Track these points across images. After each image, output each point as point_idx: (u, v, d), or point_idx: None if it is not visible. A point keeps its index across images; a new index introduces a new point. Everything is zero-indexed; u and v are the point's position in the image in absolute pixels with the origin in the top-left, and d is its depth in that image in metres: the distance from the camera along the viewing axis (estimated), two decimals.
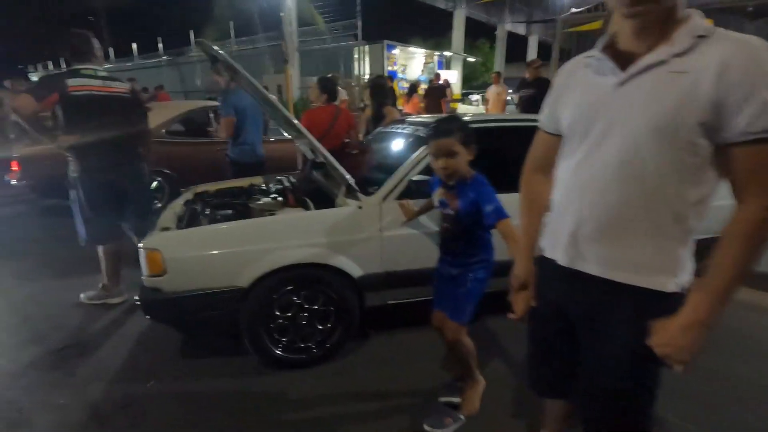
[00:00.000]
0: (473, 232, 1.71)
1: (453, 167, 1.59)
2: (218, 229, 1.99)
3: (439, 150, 1.59)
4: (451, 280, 1.79)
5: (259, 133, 3.78)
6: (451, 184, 1.67)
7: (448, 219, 1.72)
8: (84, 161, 2.62)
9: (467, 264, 1.75)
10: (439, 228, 1.80)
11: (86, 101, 2.53)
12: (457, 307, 1.76)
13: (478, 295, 1.77)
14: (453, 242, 1.75)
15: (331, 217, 2.10)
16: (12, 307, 2.85)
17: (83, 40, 2.67)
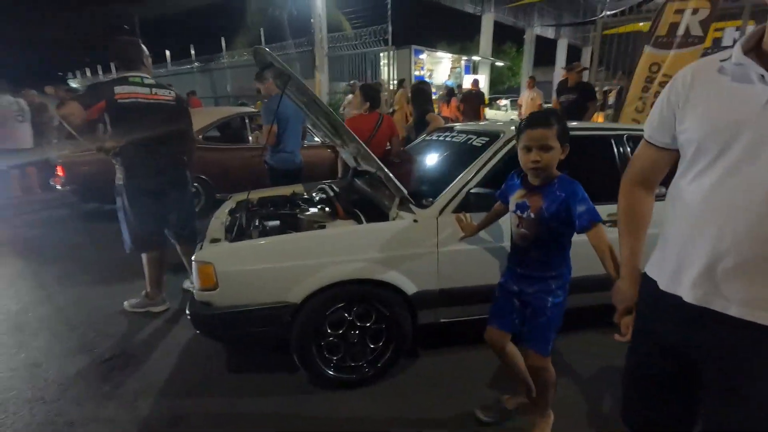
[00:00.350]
0: (554, 239, 1.57)
1: (546, 162, 1.47)
2: (271, 243, 1.92)
3: (533, 141, 1.47)
4: (517, 297, 1.66)
5: (299, 140, 3.74)
6: (536, 185, 1.55)
7: (525, 223, 1.58)
8: (129, 169, 2.61)
9: (542, 279, 1.61)
10: (513, 235, 1.67)
11: (132, 109, 2.53)
12: (540, 338, 1.62)
13: (559, 320, 1.64)
14: (528, 251, 1.61)
15: (385, 230, 2.00)
16: (58, 312, 2.86)
17: (132, 47, 2.67)
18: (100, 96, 2.47)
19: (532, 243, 1.59)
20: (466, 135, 2.59)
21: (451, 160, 2.59)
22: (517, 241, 1.66)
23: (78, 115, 2.40)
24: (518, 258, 1.66)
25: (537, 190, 1.56)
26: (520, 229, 1.61)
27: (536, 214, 1.55)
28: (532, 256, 1.61)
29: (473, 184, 2.10)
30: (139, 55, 2.67)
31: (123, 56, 2.64)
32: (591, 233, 1.43)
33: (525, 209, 1.59)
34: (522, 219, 1.60)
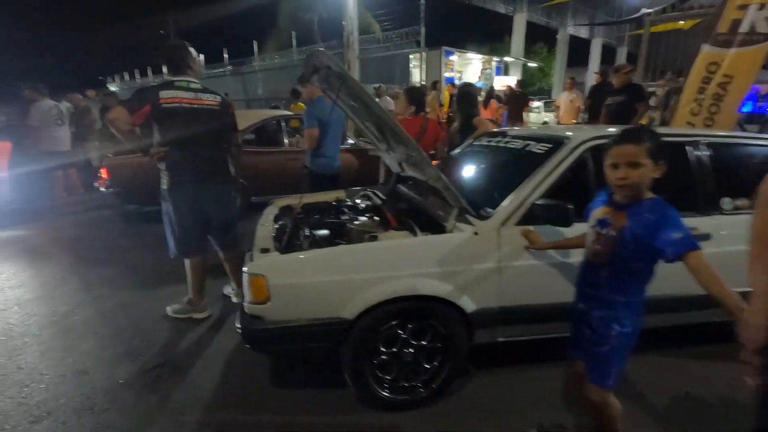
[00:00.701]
0: (630, 264, 1.43)
1: (633, 181, 1.35)
2: (325, 255, 1.83)
3: (620, 157, 1.37)
4: (583, 319, 1.54)
5: (338, 145, 3.67)
6: (622, 203, 1.43)
7: (602, 241, 1.45)
8: (173, 174, 2.58)
9: (610, 304, 1.47)
10: (587, 251, 1.54)
11: (175, 113, 2.50)
12: (600, 369, 1.50)
13: (625, 353, 1.49)
14: (599, 270, 1.49)
15: (443, 243, 1.88)
16: (104, 316, 2.87)
17: (178, 50, 2.63)
18: (145, 101, 2.46)
19: (605, 262, 1.47)
20: (522, 140, 2.43)
21: (507, 168, 2.45)
22: (589, 258, 1.54)
23: (124, 120, 2.40)
24: (588, 276, 1.54)
25: (623, 209, 1.43)
26: (595, 246, 1.49)
27: (617, 233, 1.41)
28: (602, 276, 1.48)
29: (537, 194, 1.95)
30: (185, 59, 2.63)
31: (170, 60, 2.62)
32: (691, 262, 1.27)
33: (605, 226, 1.46)
34: (600, 235, 1.47)
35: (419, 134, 3.19)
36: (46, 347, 2.50)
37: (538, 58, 26.82)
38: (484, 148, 2.82)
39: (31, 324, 2.77)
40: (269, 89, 15.29)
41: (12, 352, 2.46)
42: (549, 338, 2.10)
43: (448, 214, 2.02)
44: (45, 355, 2.42)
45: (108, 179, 4.52)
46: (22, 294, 3.21)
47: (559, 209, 1.77)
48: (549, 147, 2.18)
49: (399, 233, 2.06)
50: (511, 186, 2.08)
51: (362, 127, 2.93)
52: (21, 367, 2.30)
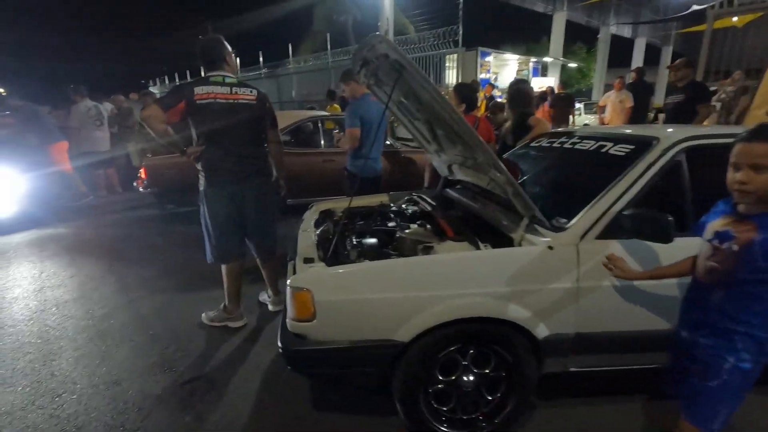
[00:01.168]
0: (756, 286, 1.19)
1: (757, 186, 1.14)
2: (379, 269, 1.62)
3: (743, 156, 1.17)
4: (686, 350, 1.32)
5: (381, 146, 3.47)
6: (746, 213, 1.20)
7: (721, 256, 1.22)
8: (210, 174, 2.45)
9: (725, 333, 1.24)
10: (698, 268, 1.32)
11: (210, 110, 2.36)
12: (704, 408, 1.27)
13: (739, 393, 1.25)
14: (711, 292, 1.26)
15: (512, 258, 1.63)
16: (139, 321, 2.78)
17: (213, 45, 2.48)
18: (180, 97, 2.34)
19: (720, 282, 1.24)
20: (595, 141, 2.15)
21: (578, 172, 2.17)
22: (701, 277, 1.31)
23: (158, 118, 2.29)
24: (697, 298, 1.32)
25: (751, 219, 1.18)
26: (710, 262, 1.26)
27: (742, 247, 1.17)
28: (716, 299, 1.26)
29: (623, 203, 1.67)
30: (221, 53, 2.49)
31: (205, 55, 2.48)
32: None
33: (727, 239, 1.22)
34: (718, 250, 1.24)
35: None
36: (81, 353, 2.41)
37: (576, 58, 25.87)
38: (545, 150, 2.54)
39: (68, 327, 2.70)
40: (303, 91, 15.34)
41: (47, 356, 2.38)
42: (624, 369, 1.83)
43: (516, 225, 1.77)
44: (79, 362, 2.33)
45: (146, 179, 4.50)
46: (60, 294, 3.17)
47: (657, 221, 1.49)
48: (631, 148, 1.89)
49: (458, 245, 1.83)
50: (585, 193, 1.81)
51: (410, 126, 2.72)
52: (54, 374, 2.22)
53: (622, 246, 1.65)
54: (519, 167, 2.63)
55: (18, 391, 2.09)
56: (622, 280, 1.65)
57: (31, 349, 2.46)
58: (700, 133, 1.83)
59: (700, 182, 1.78)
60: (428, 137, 2.55)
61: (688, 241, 1.69)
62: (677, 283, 1.66)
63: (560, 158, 2.35)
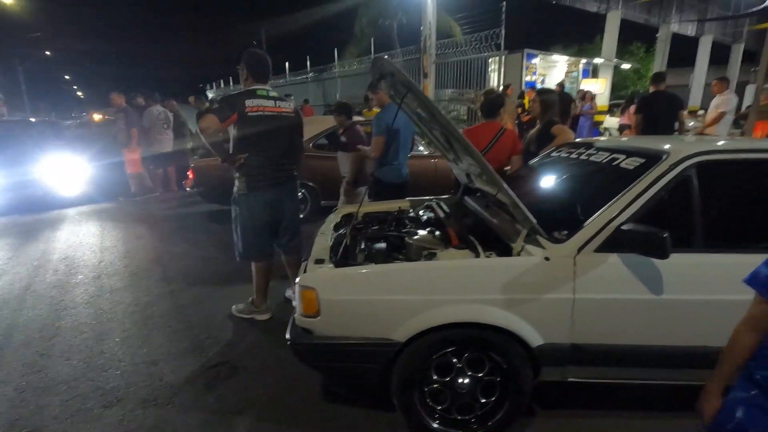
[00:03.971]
0: None
1: None
2: (379, 272, 1.74)
3: None
4: None
5: (407, 152, 3.58)
6: None
7: None
8: (251, 179, 2.66)
9: None
10: None
11: (259, 121, 2.58)
12: None
13: None
14: None
15: (509, 267, 1.69)
16: (178, 310, 3.06)
17: (264, 60, 2.71)
18: (233, 109, 2.54)
19: None
20: (609, 153, 2.14)
21: (588, 184, 2.17)
22: None
23: (216, 128, 2.50)
24: None
25: None
26: None
27: None
28: None
29: (624, 217, 1.68)
30: (268, 68, 2.73)
31: (255, 68, 2.68)
32: None
33: None
34: None
35: (491, 142, 2.99)
36: (127, 335, 2.72)
37: (633, 58, 24.53)
38: (563, 161, 2.55)
39: (118, 312, 3.04)
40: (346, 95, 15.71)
41: (99, 336, 2.71)
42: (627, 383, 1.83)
43: (516, 235, 1.83)
44: (125, 342, 2.63)
45: (193, 180, 4.88)
46: (114, 283, 3.55)
47: (653, 237, 1.50)
48: (642, 162, 1.88)
49: (459, 252, 1.90)
50: (592, 206, 1.83)
51: (430, 135, 2.81)
52: (104, 352, 2.52)
53: (620, 260, 1.66)
54: (536, 177, 2.66)
55: (73, 364, 2.40)
56: (618, 293, 1.67)
57: (87, 329, 2.80)
58: (714, 148, 1.80)
59: (712, 199, 1.75)
60: (446, 146, 2.63)
61: (692, 258, 1.68)
62: (675, 300, 1.65)
63: (574, 170, 2.35)
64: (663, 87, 5.17)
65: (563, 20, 22.66)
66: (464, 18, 11.93)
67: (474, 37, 10.51)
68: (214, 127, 2.49)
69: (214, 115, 2.51)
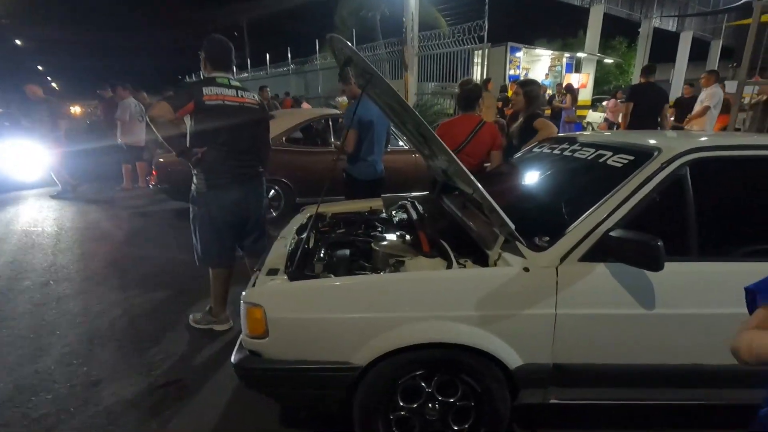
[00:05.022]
0: None
1: None
2: (335, 286, 1.52)
3: None
4: None
5: (382, 147, 3.35)
6: None
7: None
8: (211, 176, 2.42)
9: None
10: None
11: (218, 112, 2.34)
12: None
13: None
14: None
15: (484, 280, 1.49)
16: (130, 320, 2.80)
17: (224, 47, 2.48)
18: (189, 97, 2.30)
19: None
20: (594, 149, 1.96)
21: (572, 184, 1.99)
22: None
23: (168, 118, 2.25)
24: None
25: None
26: None
27: None
28: None
29: (611, 222, 1.50)
30: (229, 55, 2.50)
31: (214, 54, 2.46)
32: None
33: None
34: None
35: (469, 136, 2.78)
36: (68, 350, 2.45)
37: (616, 53, 24.68)
38: (546, 157, 2.36)
39: (62, 323, 2.76)
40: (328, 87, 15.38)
41: (35, 352, 2.43)
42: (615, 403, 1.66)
43: (493, 241, 1.63)
44: (63, 360, 2.36)
45: (157, 176, 4.58)
46: (63, 289, 3.25)
47: (645, 246, 1.32)
48: (630, 159, 1.70)
49: (430, 261, 1.70)
50: (576, 208, 1.65)
51: (403, 129, 2.60)
52: (38, 372, 2.25)
53: (608, 270, 1.48)
54: (516, 176, 2.47)
55: (0, 387, 2.13)
56: (605, 308, 1.48)
57: (23, 344, 2.52)
58: (710, 144, 1.62)
59: (707, 201, 1.58)
60: (420, 141, 2.42)
61: (687, 267, 1.51)
62: (667, 315, 1.48)
63: (557, 167, 2.16)
64: (653, 79, 5.06)
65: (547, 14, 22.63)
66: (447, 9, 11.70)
67: (457, 29, 10.30)
68: (166, 116, 2.24)
69: (166, 102, 2.26)
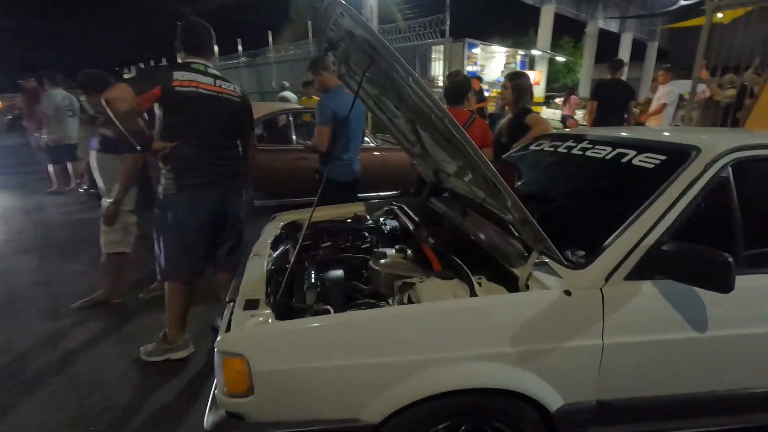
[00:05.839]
0: None
1: None
2: (334, 325, 1.20)
3: None
4: None
5: (359, 146, 3.04)
6: None
7: None
8: (182, 176, 2.05)
9: None
10: None
11: (192, 100, 1.99)
12: None
13: None
14: None
15: (520, 308, 1.23)
16: (64, 357, 2.31)
17: (200, 29, 2.13)
18: (155, 81, 1.93)
19: None
20: (611, 147, 1.76)
21: (593, 187, 1.78)
22: None
23: (127, 101, 1.84)
24: None
25: None
26: None
27: None
28: None
29: (658, 233, 1.29)
30: (208, 40, 2.15)
31: (189, 37, 2.11)
32: None
33: None
34: None
35: None
36: None
37: (563, 52, 25.65)
38: (549, 156, 2.15)
39: None
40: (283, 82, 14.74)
41: None
42: None
43: (520, 256, 1.37)
44: None
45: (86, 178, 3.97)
46: None
47: (712, 263, 1.12)
48: (661, 159, 1.51)
49: (446, 284, 1.42)
50: (605, 217, 1.45)
51: (388, 124, 2.30)
52: None
53: (657, 289, 1.27)
54: (518, 174, 2.25)
55: None
56: (656, 333, 1.28)
57: None
58: (752, 143, 1.46)
59: (752, 205, 1.41)
60: (411, 138, 2.14)
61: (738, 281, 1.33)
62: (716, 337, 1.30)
63: (568, 168, 1.95)
64: (620, 75, 5.06)
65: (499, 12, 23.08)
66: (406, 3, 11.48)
67: (417, 23, 10.10)
68: (126, 99, 1.83)
69: (127, 85, 1.85)
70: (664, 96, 5.98)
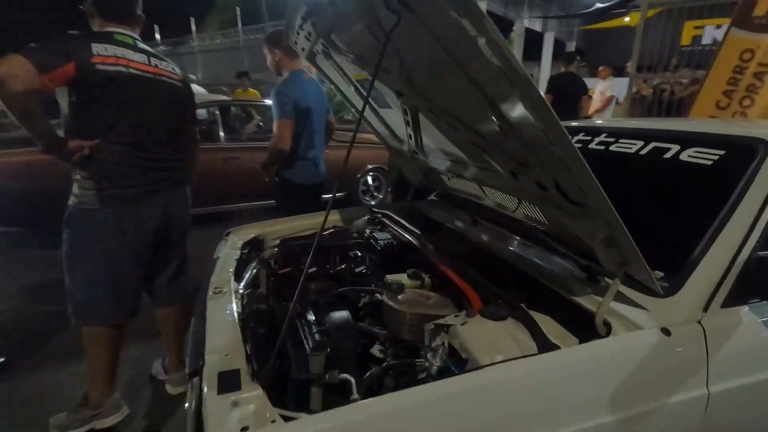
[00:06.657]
0: None
1: None
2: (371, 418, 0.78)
3: None
4: None
5: (323, 141, 2.59)
6: None
7: None
8: (104, 183, 1.51)
9: None
10: None
11: (119, 84, 1.46)
12: None
13: None
14: None
15: (611, 359, 0.92)
16: None
17: None
18: (68, 54, 1.39)
19: None
20: (643, 141, 1.52)
21: (633, 189, 1.51)
22: None
23: (25, 79, 1.27)
24: None
25: None
26: None
27: None
28: None
29: (752, 244, 1.05)
30: (133, 5, 1.59)
31: (106, 2, 1.54)
32: None
33: None
34: None
35: None
36: None
37: None
38: None
39: None
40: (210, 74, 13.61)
41: None
42: None
43: (586, 285, 1.06)
44: None
45: None
46: None
47: None
48: (720, 154, 1.28)
49: (499, 326, 1.05)
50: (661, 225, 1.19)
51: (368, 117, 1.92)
52: None
53: (756, 315, 1.03)
54: None
55: None
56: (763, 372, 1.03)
57: None
58: None
59: None
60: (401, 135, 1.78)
61: None
62: None
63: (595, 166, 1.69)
64: (572, 68, 5.08)
65: None
66: None
67: None
68: (23, 77, 1.27)
69: (24, 58, 1.28)
70: (607, 89, 6.24)
